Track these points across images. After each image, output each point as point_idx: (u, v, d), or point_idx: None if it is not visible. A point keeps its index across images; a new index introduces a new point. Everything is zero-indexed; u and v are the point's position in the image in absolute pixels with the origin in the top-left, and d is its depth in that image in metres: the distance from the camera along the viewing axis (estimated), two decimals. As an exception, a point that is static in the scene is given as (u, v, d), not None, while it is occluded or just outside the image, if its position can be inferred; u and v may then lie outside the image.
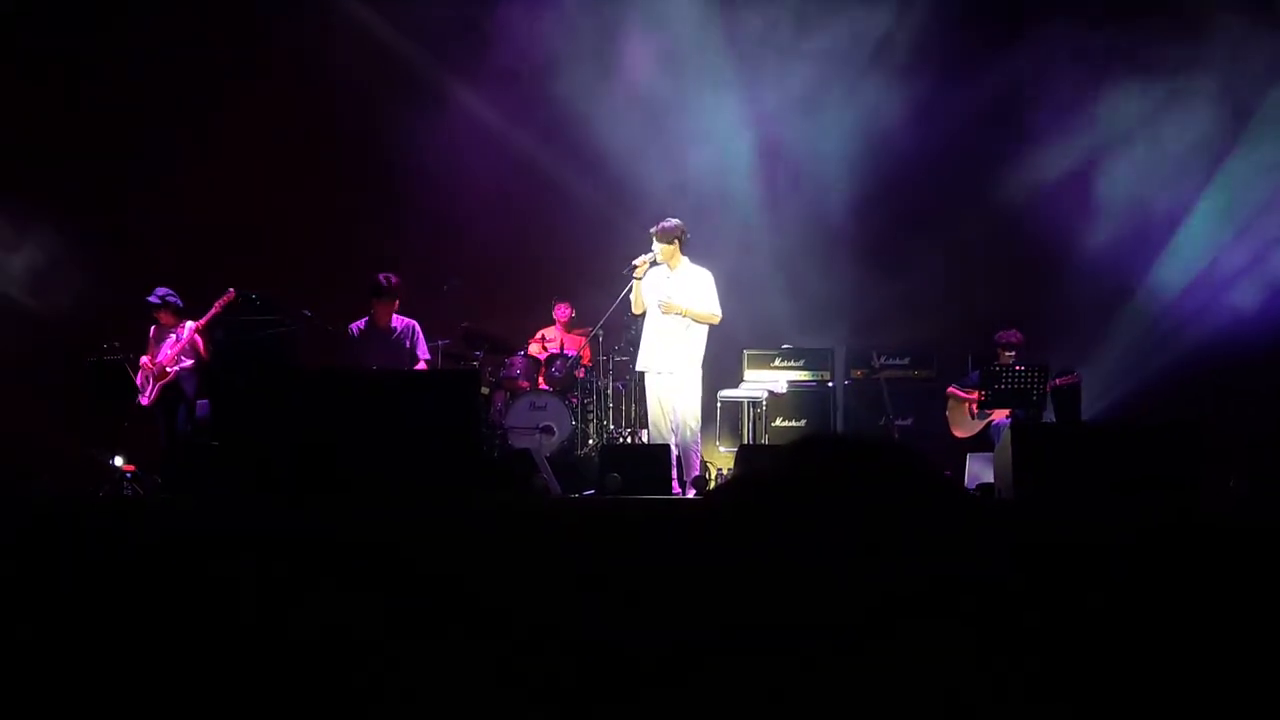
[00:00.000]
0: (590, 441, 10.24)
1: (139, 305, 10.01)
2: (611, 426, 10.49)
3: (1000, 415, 9.94)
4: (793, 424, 10.46)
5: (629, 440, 10.29)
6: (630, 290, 8.96)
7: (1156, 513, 5.14)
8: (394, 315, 9.63)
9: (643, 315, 9.05)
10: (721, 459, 10.08)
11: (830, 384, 10.72)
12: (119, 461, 9.51)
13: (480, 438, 7.91)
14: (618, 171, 11.39)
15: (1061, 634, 3.04)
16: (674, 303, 8.79)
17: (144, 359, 9.84)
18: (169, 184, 11.30)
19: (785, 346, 10.87)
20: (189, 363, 9.81)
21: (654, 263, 8.85)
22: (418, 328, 9.72)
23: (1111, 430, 6.70)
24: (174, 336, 9.86)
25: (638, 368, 9.04)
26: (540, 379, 10.49)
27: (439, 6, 11.56)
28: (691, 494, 8.40)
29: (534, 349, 10.83)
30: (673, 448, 8.73)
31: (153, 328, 9.99)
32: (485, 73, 11.59)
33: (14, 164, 11.14)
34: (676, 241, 8.87)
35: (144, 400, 9.78)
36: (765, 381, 10.48)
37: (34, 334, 10.93)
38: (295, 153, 11.38)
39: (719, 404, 10.24)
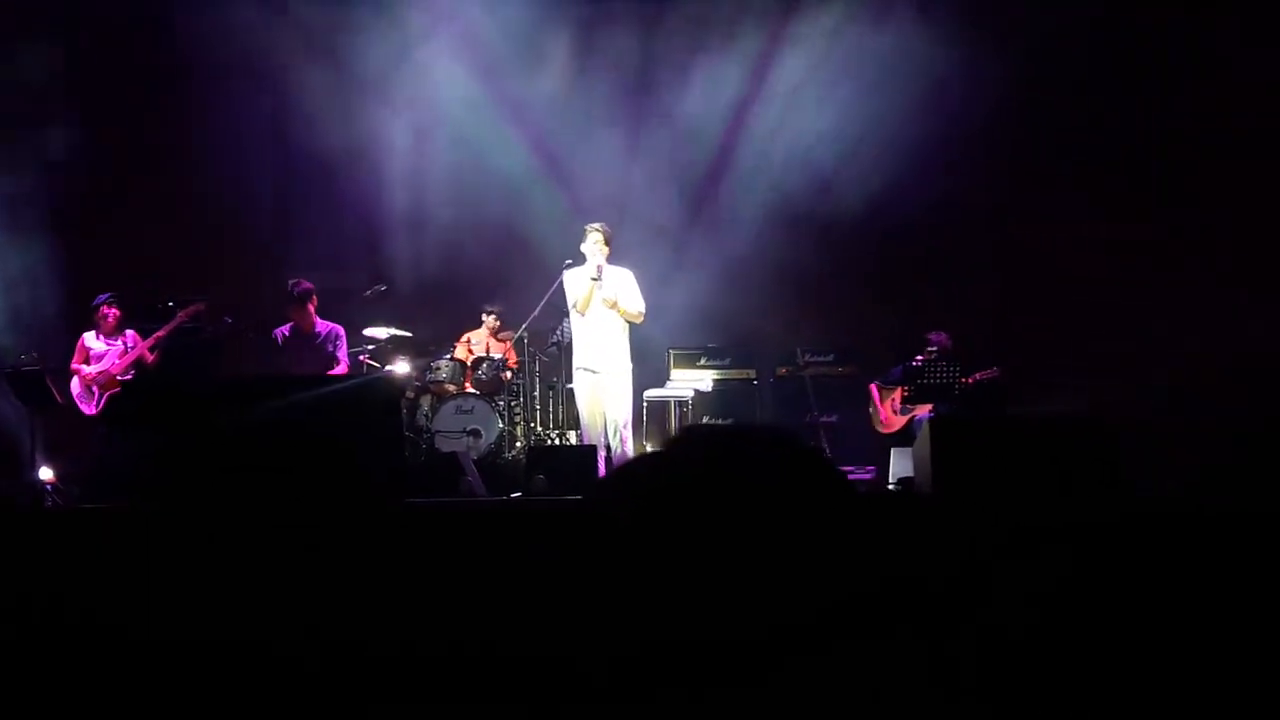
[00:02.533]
0: (518, 444, 10.24)
1: (48, 311, 9.91)
2: (539, 429, 10.50)
3: (923, 410, 10.09)
4: (719, 422, 10.49)
5: (556, 442, 10.31)
6: (570, 290, 8.98)
7: (1074, 505, 5.23)
8: (318, 320, 9.60)
9: (566, 316, 9.12)
10: (648, 458, 10.12)
11: (755, 382, 10.78)
12: (45, 474, 9.32)
13: (404, 442, 7.88)
14: (536, 176, 11.45)
15: (966, 628, 3.10)
16: (616, 298, 8.86)
17: (81, 368, 9.66)
18: (83, 188, 11.15)
19: (710, 345, 10.91)
20: (131, 374, 9.68)
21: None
22: (341, 333, 9.69)
23: (1028, 423, 6.79)
24: (121, 345, 9.71)
25: (583, 367, 9.01)
26: (466, 382, 10.47)
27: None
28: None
29: (460, 352, 10.80)
30: (602, 448, 8.79)
31: (87, 334, 9.81)
32: (407, 77, 11.57)
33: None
34: (611, 244, 8.97)
35: (90, 410, 9.64)
36: (691, 380, 10.51)
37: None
38: (215, 156, 11.26)
39: (645, 403, 10.27)
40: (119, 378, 9.59)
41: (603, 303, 8.85)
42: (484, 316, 11.02)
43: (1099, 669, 3.55)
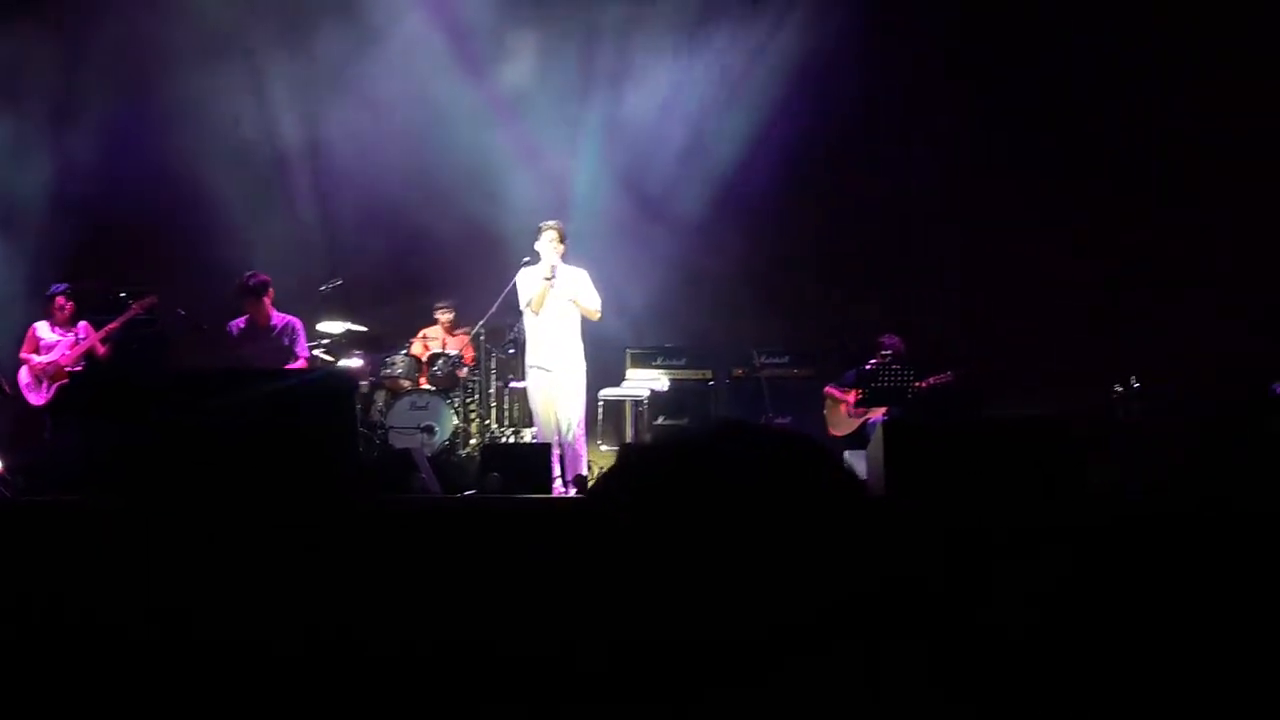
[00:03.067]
0: (473, 441, 10.21)
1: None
2: (495, 426, 10.47)
3: (877, 414, 10.14)
4: (674, 422, 10.48)
5: (512, 440, 10.27)
6: (523, 289, 8.99)
7: (1029, 507, 5.27)
8: (274, 312, 9.53)
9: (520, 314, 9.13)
10: (603, 458, 10.10)
11: (711, 382, 10.77)
12: None
13: (356, 438, 7.83)
14: (495, 173, 11.44)
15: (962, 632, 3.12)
16: (576, 296, 8.88)
17: (31, 357, 9.56)
18: (35, 176, 11.04)
19: (667, 345, 10.90)
20: (82, 365, 9.57)
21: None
22: (298, 325, 9.62)
23: (981, 426, 6.85)
24: (72, 336, 9.61)
25: (536, 365, 9.03)
26: (422, 378, 10.43)
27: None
28: (573, 492, 8.44)
29: (416, 348, 10.75)
30: (556, 446, 8.78)
31: (39, 324, 9.72)
32: (361, 71, 11.52)
33: None
34: (565, 241, 8.98)
35: (39, 400, 9.52)
36: (647, 380, 10.50)
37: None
38: (172, 149, 11.19)
39: (601, 403, 10.27)
40: (68, 369, 9.49)
41: (564, 298, 8.88)
42: (436, 314, 10.98)
43: (1053, 673, 3.58)
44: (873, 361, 10.18)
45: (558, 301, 8.93)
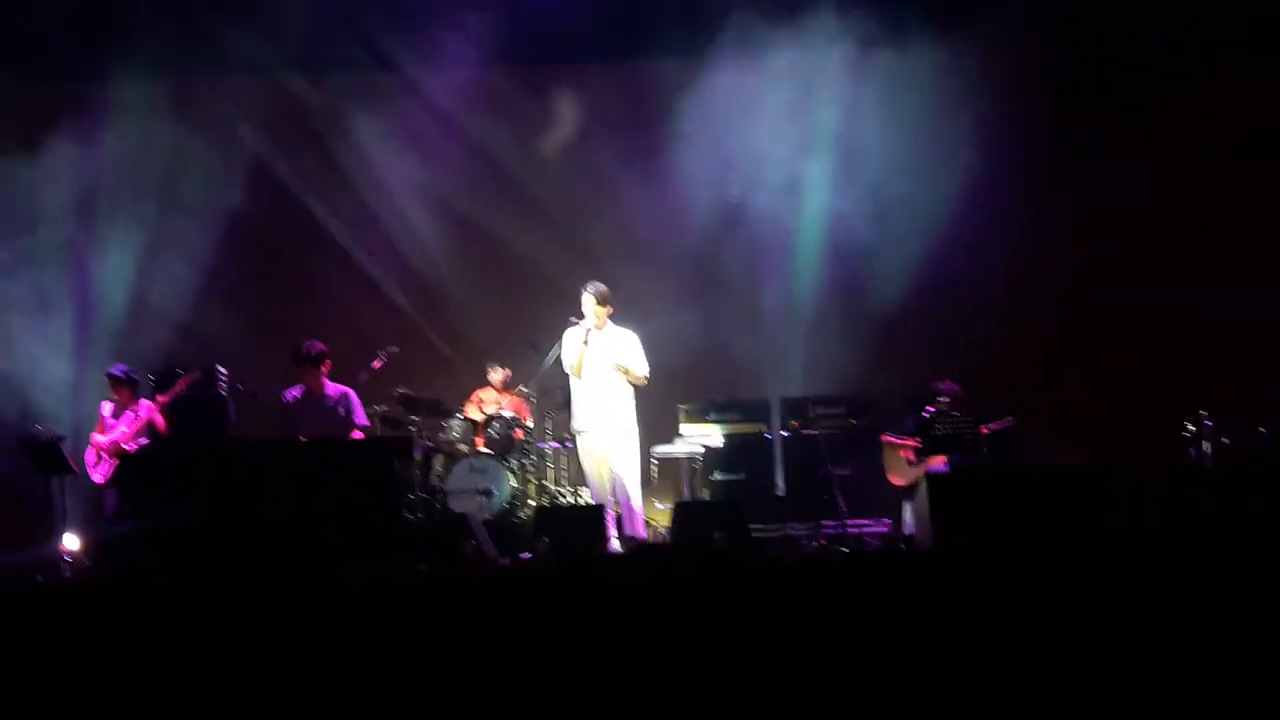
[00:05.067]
0: (531, 502, 10.19)
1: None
2: (553, 486, 10.45)
3: (938, 462, 9.96)
4: (732, 477, 10.27)
5: (571, 500, 10.25)
6: (565, 352, 9.04)
7: (1066, 554, 5.22)
8: (327, 382, 9.62)
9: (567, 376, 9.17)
10: (660, 515, 10.03)
11: (768, 435, 10.61)
12: (70, 543, 9.28)
13: (400, 505, 7.88)
14: (549, 232, 11.54)
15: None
16: (622, 363, 8.94)
17: (96, 436, 9.74)
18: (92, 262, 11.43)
19: (719, 400, 10.74)
20: (144, 440, 9.67)
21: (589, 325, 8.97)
22: (353, 395, 9.69)
23: (1024, 476, 6.78)
24: (131, 414, 9.77)
25: (581, 429, 9.08)
26: (478, 441, 10.46)
27: (354, 71, 11.75)
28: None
29: (471, 411, 10.78)
30: (611, 507, 8.78)
31: (104, 404, 9.90)
32: (407, 131, 11.74)
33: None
34: (609, 304, 9.02)
35: (100, 478, 9.66)
36: (701, 435, 10.33)
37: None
38: (222, 225, 11.48)
39: (655, 461, 10.20)
40: (126, 446, 9.59)
41: (615, 368, 8.91)
42: (490, 374, 11.02)
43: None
44: (930, 409, 9.98)
45: (601, 366, 8.95)
